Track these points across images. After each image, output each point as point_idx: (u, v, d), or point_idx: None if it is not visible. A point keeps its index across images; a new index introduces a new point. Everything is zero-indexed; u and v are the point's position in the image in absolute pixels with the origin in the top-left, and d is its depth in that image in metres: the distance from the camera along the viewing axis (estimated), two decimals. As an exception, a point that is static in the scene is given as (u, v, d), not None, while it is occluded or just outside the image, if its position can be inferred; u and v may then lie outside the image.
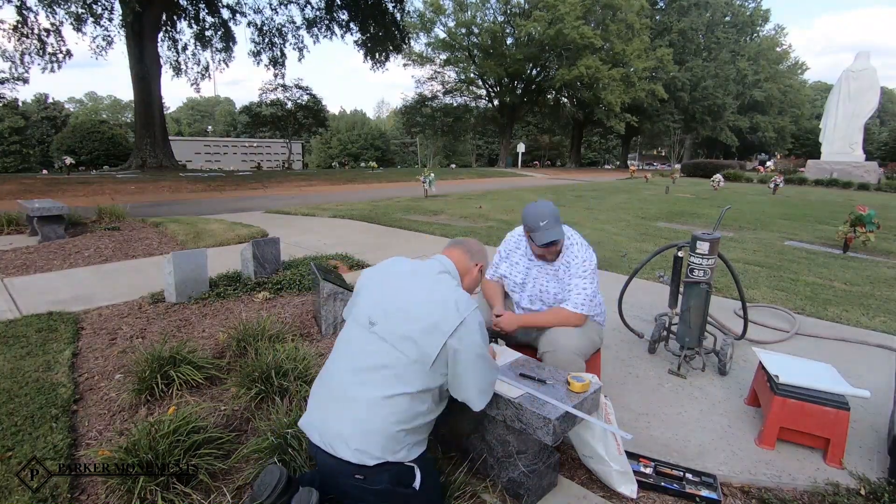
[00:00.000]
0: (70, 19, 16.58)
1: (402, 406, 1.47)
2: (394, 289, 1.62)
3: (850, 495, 1.85)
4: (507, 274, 2.46)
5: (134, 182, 13.85)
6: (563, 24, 28.78)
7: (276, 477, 1.47)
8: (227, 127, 62.00)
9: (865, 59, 22.37)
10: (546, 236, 2.14)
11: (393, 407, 1.46)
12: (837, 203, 13.70)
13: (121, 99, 67.40)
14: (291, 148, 35.48)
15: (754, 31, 44.27)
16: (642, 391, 2.64)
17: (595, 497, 1.84)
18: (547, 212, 2.15)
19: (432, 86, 39.20)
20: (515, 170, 32.52)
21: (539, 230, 2.15)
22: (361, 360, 1.53)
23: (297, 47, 23.64)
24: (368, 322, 1.57)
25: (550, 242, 2.15)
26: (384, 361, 1.50)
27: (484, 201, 11.62)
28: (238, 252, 4.69)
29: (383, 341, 1.52)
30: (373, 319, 1.56)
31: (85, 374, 2.62)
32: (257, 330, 2.83)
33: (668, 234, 7.71)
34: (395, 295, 1.59)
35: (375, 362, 1.51)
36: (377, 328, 1.54)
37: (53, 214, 5.95)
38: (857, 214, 6.60)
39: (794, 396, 2.11)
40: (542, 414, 1.61)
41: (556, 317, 2.24)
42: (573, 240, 2.31)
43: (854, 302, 4.34)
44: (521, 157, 39.01)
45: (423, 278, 1.65)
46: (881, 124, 58.90)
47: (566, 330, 2.20)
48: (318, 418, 1.54)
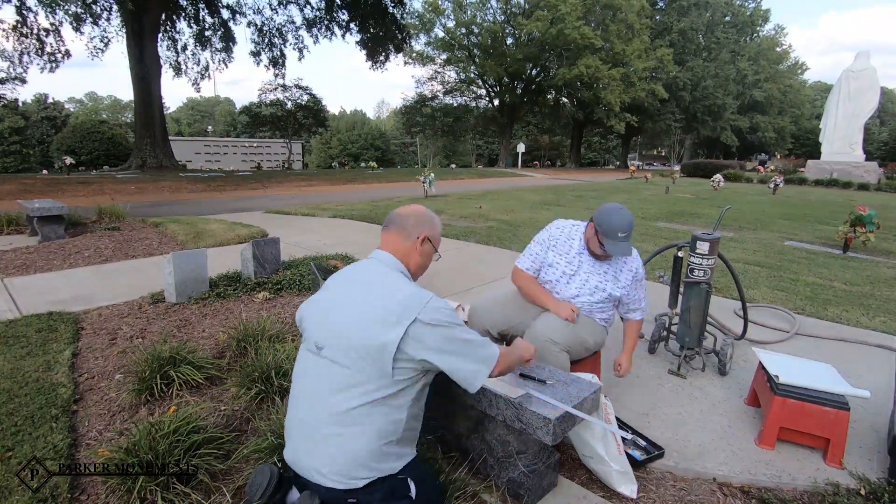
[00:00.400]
0: (69, 19, 16.58)
1: (378, 421, 1.38)
2: (334, 306, 1.49)
3: (850, 495, 1.85)
4: (553, 262, 2.35)
5: (134, 182, 13.85)
6: (564, 24, 28.79)
7: (268, 477, 1.44)
8: (227, 127, 62.01)
9: (865, 59, 22.38)
10: (619, 249, 2.14)
11: (369, 425, 1.37)
12: (837, 203, 13.70)
13: (121, 99, 67.49)
14: (291, 148, 35.49)
15: (754, 31, 44.27)
16: (642, 391, 2.64)
17: (595, 497, 1.84)
18: (627, 224, 2.12)
19: (432, 86, 39.25)
20: (515, 170, 32.51)
21: (615, 241, 2.13)
22: (321, 388, 1.43)
23: (297, 47, 23.64)
24: (316, 347, 1.46)
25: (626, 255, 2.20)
26: (345, 383, 1.39)
27: (484, 201, 11.62)
28: (238, 252, 4.68)
29: (337, 365, 1.41)
30: (319, 343, 1.46)
31: (85, 374, 2.62)
32: (257, 330, 2.83)
33: (668, 234, 7.71)
34: (337, 313, 1.47)
35: (336, 387, 1.40)
36: (326, 352, 1.43)
37: (53, 214, 5.95)
38: (857, 214, 6.60)
39: (794, 396, 2.11)
40: (542, 414, 1.61)
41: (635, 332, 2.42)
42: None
43: (854, 302, 4.34)
44: (521, 157, 39.01)
45: (361, 286, 1.50)
46: (881, 124, 58.89)
47: (548, 318, 2.21)
48: (295, 458, 1.45)
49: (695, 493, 1.90)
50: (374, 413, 1.38)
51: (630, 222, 2.13)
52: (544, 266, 2.38)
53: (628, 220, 2.12)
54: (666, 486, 1.93)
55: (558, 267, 2.33)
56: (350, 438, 1.36)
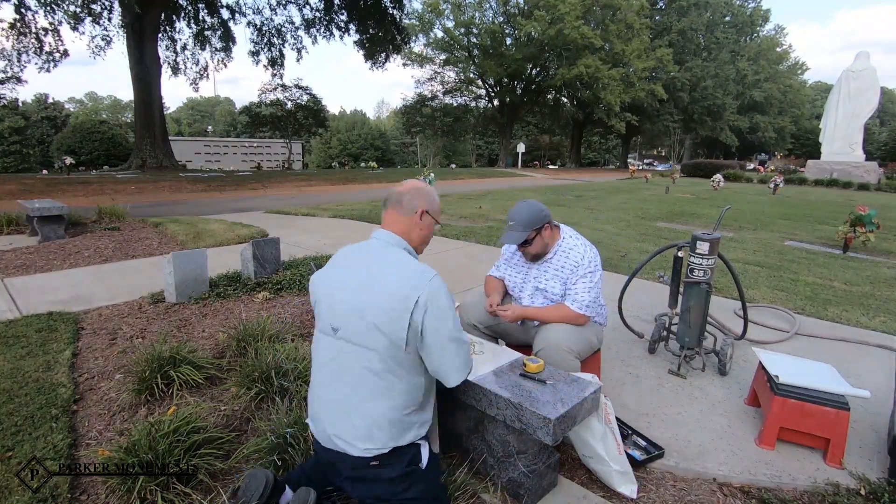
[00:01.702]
0: (68, 19, 16.57)
1: (399, 391, 1.47)
2: (344, 287, 1.52)
3: (850, 495, 1.85)
4: (508, 276, 2.52)
5: (134, 182, 13.85)
6: (563, 24, 28.78)
7: (263, 482, 1.46)
8: (227, 127, 61.98)
9: (865, 59, 22.39)
10: (506, 237, 2.26)
11: (391, 399, 1.46)
12: (837, 203, 13.70)
13: (121, 99, 67.42)
14: (291, 148, 35.45)
15: (754, 31, 44.26)
16: (642, 391, 2.64)
17: (595, 497, 1.84)
18: (516, 212, 2.25)
19: (432, 86, 39.25)
20: (515, 170, 32.51)
21: (505, 230, 2.28)
22: (340, 368, 1.50)
23: (296, 47, 23.64)
24: (331, 329, 1.51)
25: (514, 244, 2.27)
26: (362, 363, 1.46)
27: (484, 201, 11.62)
28: (238, 252, 4.68)
29: (352, 344, 1.47)
30: (334, 325, 1.51)
31: (85, 374, 2.62)
32: (257, 330, 2.83)
33: (668, 234, 7.71)
34: (348, 293, 1.50)
35: (354, 365, 1.47)
36: (341, 333, 1.49)
37: (53, 214, 5.95)
38: (856, 214, 6.60)
39: (794, 396, 2.11)
40: (542, 414, 1.61)
41: (558, 312, 2.26)
42: (575, 241, 2.32)
43: (854, 302, 4.34)
44: (521, 157, 39.01)
45: (370, 265, 1.53)
46: (881, 124, 58.89)
47: (560, 327, 2.20)
48: (320, 429, 1.54)
49: (695, 493, 1.90)
50: (394, 385, 1.47)
51: (521, 210, 2.24)
52: (505, 279, 2.54)
53: (519, 209, 2.26)
54: (666, 486, 1.93)
55: (511, 279, 2.50)
56: (375, 411, 1.45)
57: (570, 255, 2.29)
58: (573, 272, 2.27)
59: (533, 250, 2.28)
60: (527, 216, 2.22)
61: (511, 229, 2.23)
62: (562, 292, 2.30)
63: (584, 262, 2.26)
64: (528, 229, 2.21)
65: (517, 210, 2.26)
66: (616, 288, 3.36)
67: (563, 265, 2.29)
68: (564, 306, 2.26)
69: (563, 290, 2.29)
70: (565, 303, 2.27)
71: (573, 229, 2.41)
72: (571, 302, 2.25)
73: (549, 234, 2.29)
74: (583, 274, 2.25)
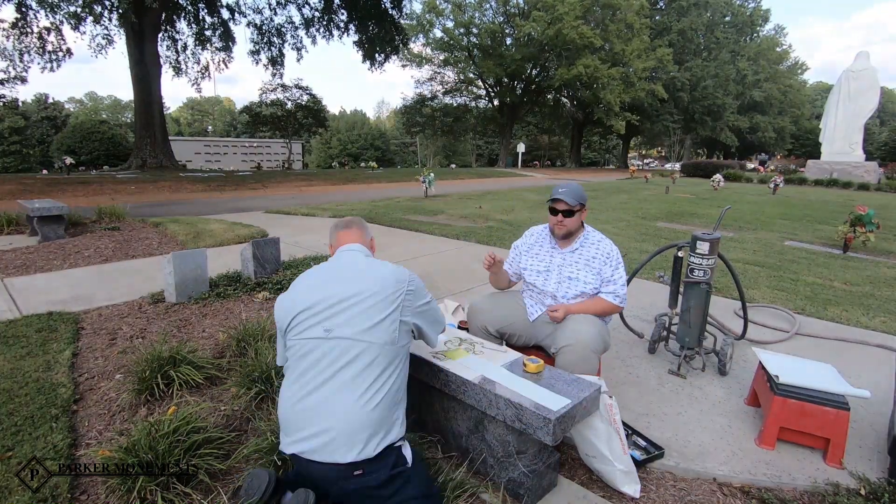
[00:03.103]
0: (69, 19, 16.56)
1: (390, 388, 1.54)
2: (334, 293, 1.61)
3: (850, 495, 1.84)
4: (527, 266, 2.53)
5: (134, 182, 13.85)
6: (562, 24, 28.77)
7: (266, 481, 1.46)
8: (227, 127, 61.97)
9: (865, 59, 22.37)
10: (555, 192, 2.34)
11: (384, 394, 1.52)
12: (837, 203, 13.70)
13: (121, 99, 67.22)
14: (291, 148, 35.44)
15: (754, 31, 44.25)
16: (642, 391, 2.64)
17: (595, 497, 1.84)
18: (565, 185, 2.38)
19: (432, 86, 39.25)
20: (515, 170, 32.51)
21: (555, 192, 2.36)
22: (329, 365, 1.52)
23: (296, 47, 23.63)
24: (323, 331, 1.55)
25: (557, 200, 2.32)
26: (352, 356, 1.52)
27: (484, 201, 11.62)
28: (238, 252, 4.69)
29: (346, 339, 1.54)
30: (326, 327, 1.56)
31: (85, 374, 2.62)
32: (257, 330, 2.83)
33: (668, 234, 7.71)
34: (340, 287, 1.63)
35: (346, 361, 1.51)
36: (336, 332, 1.54)
37: (53, 214, 5.95)
38: (856, 214, 6.60)
39: (794, 396, 2.11)
40: (542, 414, 1.61)
41: (600, 305, 2.36)
42: (600, 235, 2.46)
43: (854, 302, 4.34)
44: (521, 157, 39.01)
45: (355, 263, 1.74)
46: (881, 124, 58.88)
47: (587, 327, 2.21)
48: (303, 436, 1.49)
49: (695, 493, 1.90)
50: (387, 381, 1.54)
51: (567, 185, 2.38)
52: (521, 271, 2.57)
53: (565, 184, 2.39)
54: (666, 486, 1.93)
55: (532, 268, 2.51)
56: (369, 409, 1.48)
57: (600, 246, 2.39)
58: (606, 263, 2.36)
59: (571, 225, 2.36)
60: (576, 189, 2.36)
61: (562, 189, 2.34)
62: (596, 282, 2.36)
63: (613, 254, 2.38)
64: (576, 201, 2.32)
65: (566, 184, 2.38)
66: (616, 288, 3.36)
67: (594, 255, 2.38)
68: (602, 299, 2.36)
69: (597, 280, 2.36)
70: (601, 296, 2.36)
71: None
72: (610, 293, 2.35)
73: (583, 217, 2.42)
74: (615, 266, 2.37)
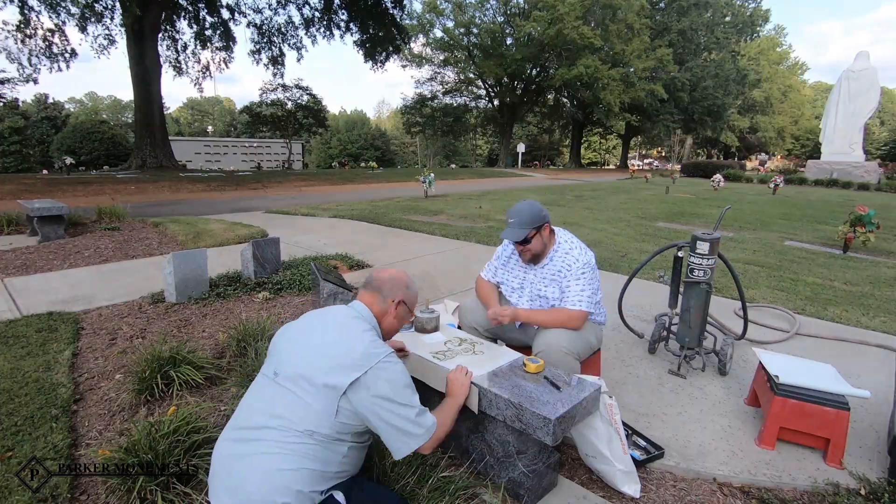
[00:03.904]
0: (74, 20, 16.59)
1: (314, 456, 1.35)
2: (299, 339, 1.53)
3: (850, 495, 1.85)
4: (503, 280, 2.51)
5: (134, 182, 13.85)
6: (562, 25, 28.77)
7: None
8: (227, 127, 61.95)
9: (865, 59, 22.37)
10: (506, 234, 2.24)
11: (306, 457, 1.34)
12: (837, 203, 13.70)
13: (121, 99, 67.23)
14: (291, 148, 35.42)
15: (754, 31, 44.25)
16: (642, 391, 2.64)
17: (595, 497, 1.84)
18: (516, 211, 2.25)
19: (432, 86, 39.27)
20: (515, 170, 32.51)
21: (506, 227, 2.26)
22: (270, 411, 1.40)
23: (296, 47, 23.63)
24: (273, 373, 1.48)
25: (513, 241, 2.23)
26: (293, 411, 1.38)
27: (483, 201, 11.62)
28: (238, 252, 4.69)
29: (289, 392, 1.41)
30: (277, 370, 1.48)
31: (85, 374, 2.62)
32: (257, 330, 2.83)
33: (668, 234, 7.71)
34: (300, 345, 1.51)
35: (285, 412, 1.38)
36: (280, 379, 1.45)
37: (53, 214, 5.95)
38: (856, 214, 6.60)
39: (794, 396, 2.11)
40: (542, 414, 1.61)
41: (557, 316, 2.24)
42: (571, 244, 2.32)
43: (854, 302, 4.34)
44: (521, 157, 39.01)
45: (328, 327, 1.54)
46: (881, 124, 58.89)
47: (559, 330, 2.20)
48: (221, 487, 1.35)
49: (695, 493, 1.90)
50: (314, 448, 1.35)
51: (520, 209, 2.24)
52: (499, 284, 2.53)
53: (519, 208, 2.26)
54: (666, 486, 1.93)
55: (507, 283, 2.49)
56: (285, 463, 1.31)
57: (566, 258, 2.29)
58: (566, 276, 2.27)
59: (533, 249, 2.26)
60: (527, 215, 2.21)
61: (511, 227, 2.22)
62: (559, 296, 2.29)
63: (576, 265, 2.25)
64: (528, 227, 2.20)
65: (517, 209, 2.25)
66: (616, 288, 3.36)
67: (560, 268, 2.29)
68: (562, 309, 2.25)
69: (560, 294, 2.28)
70: (562, 305, 2.26)
71: (569, 232, 2.41)
72: (567, 303, 2.24)
73: (547, 235, 2.29)
74: (576, 276, 2.25)
